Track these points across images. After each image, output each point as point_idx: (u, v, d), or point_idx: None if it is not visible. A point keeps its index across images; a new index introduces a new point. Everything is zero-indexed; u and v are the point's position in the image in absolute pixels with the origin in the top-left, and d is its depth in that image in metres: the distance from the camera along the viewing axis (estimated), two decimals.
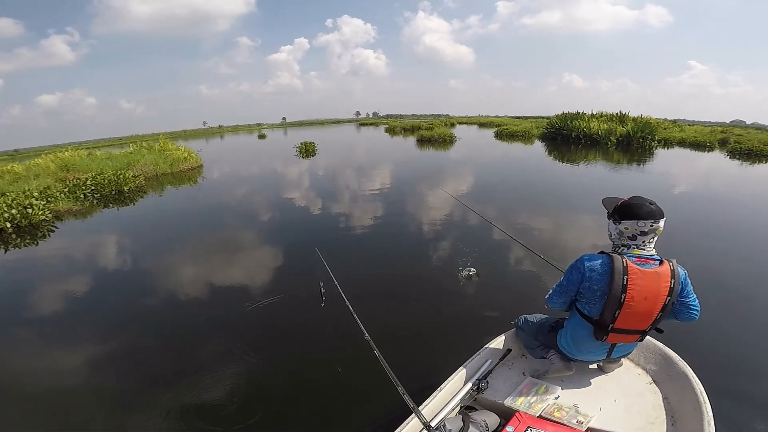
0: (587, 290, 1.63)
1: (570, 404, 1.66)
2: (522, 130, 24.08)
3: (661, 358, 1.85)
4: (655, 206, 1.54)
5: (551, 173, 11.27)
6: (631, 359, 1.93)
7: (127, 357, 3.03)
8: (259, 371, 2.67)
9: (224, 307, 3.72)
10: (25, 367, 3.07)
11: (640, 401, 1.68)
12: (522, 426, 1.48)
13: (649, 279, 1.52)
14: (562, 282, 1.74)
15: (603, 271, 1.57)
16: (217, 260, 5.15)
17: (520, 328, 2.10)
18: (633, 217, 1.54)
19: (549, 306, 1.83)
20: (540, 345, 1.97)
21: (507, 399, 1.74)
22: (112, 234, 6.81)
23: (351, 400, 2.35)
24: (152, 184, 11.46)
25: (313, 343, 3.00)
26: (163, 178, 12.36)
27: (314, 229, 6.23)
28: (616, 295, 1.54)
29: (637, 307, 1.54)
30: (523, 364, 2.04)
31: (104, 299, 4.21)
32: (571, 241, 5.17)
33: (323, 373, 2.60)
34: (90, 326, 3.61)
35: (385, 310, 3.38)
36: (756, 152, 14.56)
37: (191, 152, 14.28)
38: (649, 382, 1.80)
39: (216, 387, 2.50)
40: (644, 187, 8.57)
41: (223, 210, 8.11)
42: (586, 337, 1.70)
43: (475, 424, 1.51)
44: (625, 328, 1.61)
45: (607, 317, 1.59)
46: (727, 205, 7.15)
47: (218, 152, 25.63)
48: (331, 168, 13.72)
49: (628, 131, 17.62)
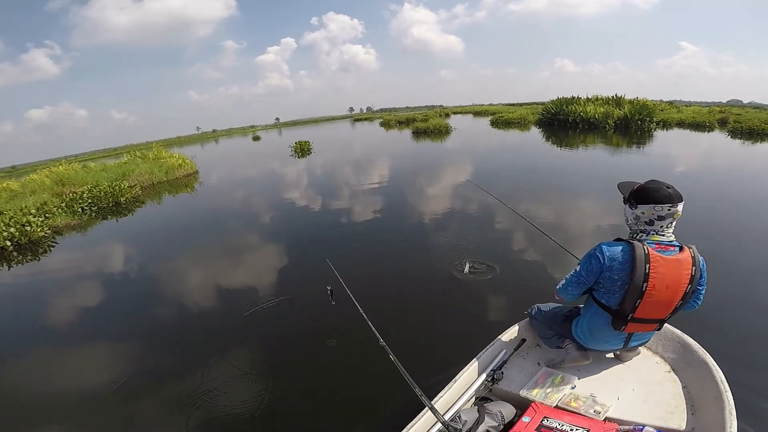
0: (607, 280, 1.56)
1: (587, 394, 1.62)
2: (518, 117, 23.91)
3: (679, 345, 1.80)
4: (672, 189, 1.49)
5: (556, 159, 11.14)
6: (649, 347, 1.88)
7: (136, 365, 3.04)
8: (273, 375, 2.66)
9: (231, 314, 3.67)
10: (30, 376, 3.11)
11: (658, 390, 1.64)
12: (538, 416, 1.45)
13: (671, 267, 1.47)
14: (579, 272, 1.65)
15: (624, 259, 1.51)
16: (218, 267, 5.07)
17: (533, 318, 2.06)
18: (650, 201, 1.49)
19: (561, 297, 1.75)
20: (555, 335, 1.93)
21: (522, 389, 1.71)
22: (112, 246, 6.73)
23: (365, 400, 2.36)
24: (149, 194, 11.35)
25: (325, 347, 2.95)
26: (159, 187, 12.24)
27: (316, 231, 6.13)
28: (638, 285, 1.48)
29: (658, 296, 1.49)
30: (538, 354, 2.01)
31: (109, 310, 4.20)
32: (586, 228, 5.08)
33: (338, 378, 2.58)
34: (99, 336, 3.62)
35: (396, 310, 3.34)
36: (758, 131, 14.44)
37: (186, 159, 14.14)
38: (667, 371, 1.75)
39: (231, 391, 2.51)
40: (650, 170, 8.49)
41: (221, 216, 8.01)
42: (604, 326, 1.66)
43: (491, 415, 1.50)
44: (645, 317, 1.57)
45: (627, 307, 1.54)
46: (738, 186, 7.02)
47: (214, 157, 25.52)
48: (328, 166, 13.61)
49: (625, 114, 17.51)
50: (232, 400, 2.44)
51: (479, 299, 3.41)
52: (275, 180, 12.21)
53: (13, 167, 56.54)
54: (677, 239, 1.55)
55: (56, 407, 2.67)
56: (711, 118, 19.04)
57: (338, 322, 3.09)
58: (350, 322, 2.36)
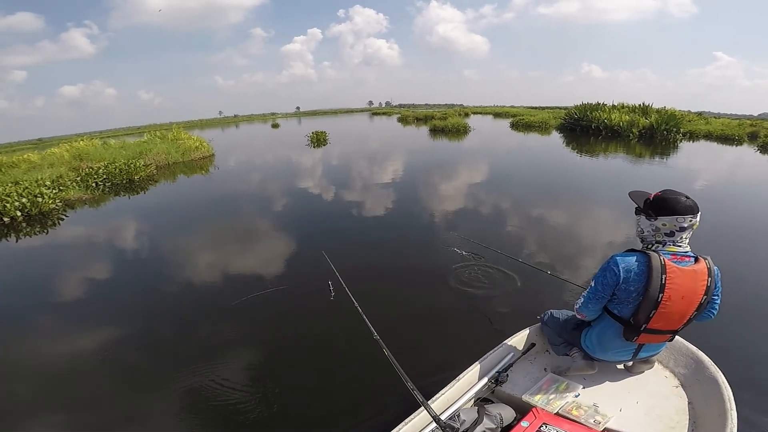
0: (622, 291, 1.54)
1: (590, 403, 1.61)
2: (539, 121, 23.43)
3: (692, 361, 1.77)
4: (690, 200, 1.47)
5: (579, 167, 10.82)
6: (661, 361, 1.85)
7: (134, 346, 3.03)
8: (268, 367, 2.64)
9: (224, 301, 3.59)
10: (33, 350, 3.11)
11: (663, 404, 1.61)
12: (537, 422, 1.44)
13: (687, 277, 1.45)
14: (594, 287, 1.62)
15: (640, 270, 1.48)
16: (217, 253, 5.06)
17: (545, 324, 2.05)
18: (671, 212, 1.46)
19: (584, 315, 1.72)
20: (564, 342, 1.92)
21: (525, 394, 1.70)
22: (119, 223, 6.78)
23: (359, 395, 2.33)
24: (164, 173, 11.47)
25: (320, 340, 2.92)
26: (174, 167, 12.37)
27: (319, 225, 6.06)
28: (653, 295, 1.46)
29: (673, 307, 1.47)
30: (545, 360, 1.99)
31: (106, 289, 4.19)
32: (596, 240, 4.89)
33: (332, 372, 2.55)
34: (93, 315, 3.61)
35: (392, 306, 3.27)
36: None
37: (203, 141, 14.26)
38: (675, 386, 1.72)
39: (225, 381, 2.48)
40: (674, 182, 8.15)
41: (229, 201, 8.00)
42: (614, 337, 1.64)
43: (490, 417, 1.49)
44: (658, 328, 1.54)
45: (641, 318, 1.52)
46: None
47: (232, 141, 25.73)
48: (341, 159, 13.52)
49: (651, 123, 16.91)
50: (222, 391, 2.40)
51: (481, 303, 3.31)
52: (288, 169, 12.20)
53: (39, 140, 58.26)
54: (692, 250, 1.52)
55: (49, 390, 2.63)
56: (740, 132, 18.27)
57: (333, 314, 3.05)
58: (345, 315, 2.30)
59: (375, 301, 3.03)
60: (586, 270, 3.82)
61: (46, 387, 2.62)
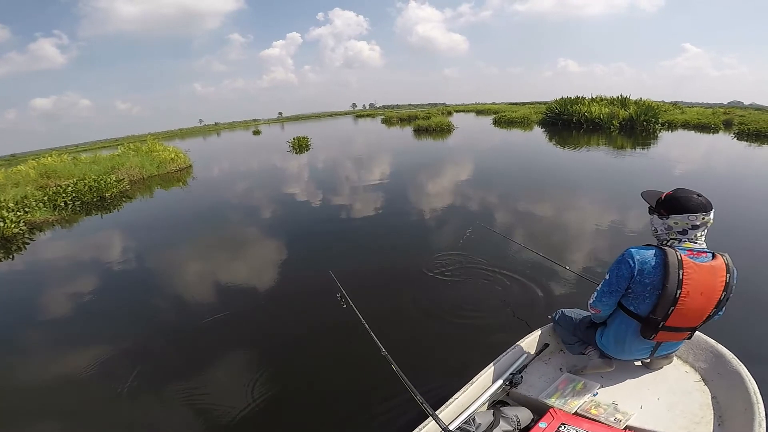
0: (637, 284, 1.51)
1: (609, 401, 1.58)
2: (521, 117, 23.52)
3: (712, 355, 1.72)
4: (703, 198, 1.46)
5: (564, 161, 10.75)
6: (680, 356, 1.80)
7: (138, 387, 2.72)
8: (274, 383, 2.57)
9: (220, 321, 3.44)
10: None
11: (685, 400, 1.57)
12: (556, 422, 1.41)
13: (705, 273, 1.43)
14: (609, 280, 1.60)
15: (656, 263, 1.47)
16: (196, 271, 4.76)
17: (557, 323, 2.02)
18: (683, 210, 1.46)
19: (598, 309, 1.68)
20: (578, 341, 1.90)
21: (541, 394, 1.67)
22: (91, 244, 6.38)
23: (369, 410, 2.26)
24: (139, 188, 11.03)
25: (325, 355, 2.85)
26: (150, 181, 11.93)
27: (310, 234, 5.80)
28: (671, 291, 1.43)
29: (692, 303, 1.45)
30: (560, 360, 1.96)
31: (72, 318, 3.83)
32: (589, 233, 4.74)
33: (339, 387, 2.50)
34: (60, 348, 3.28)
35: (398, 320, 3.19)
36: (765, 133, 14.01)
37: (179, 152, 13.79)
38: (697, 380, 1.68)
39: (230, 401, 2.42)
40: (663, 174, 8.13)
41: (208, 215, 7.66)
42: (632, 335, 1.61)
43: (506, 419, 1.47)
44: (677, 325, 1.51)
45: (658, 314, 1.49)
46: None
47: (211, 151, 25.12)
48: (324, 164, 13.24)
49: (630, 115, 17.08)
50: (229, 410, 2.34)
51: (489, 311, 3.19)
52: (269, 177, 11.84)
53: (12, 155, 56.45)
54: (709, 247, 1.50)
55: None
56: (716, 120, 18.65)
57: (340, 330, 2.95)
58: (352, 331, 2.31)
59: (381, 315, 3.02)
60: (593, 266, 3.78)
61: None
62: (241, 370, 2.75)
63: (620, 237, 4.66)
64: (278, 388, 2.51)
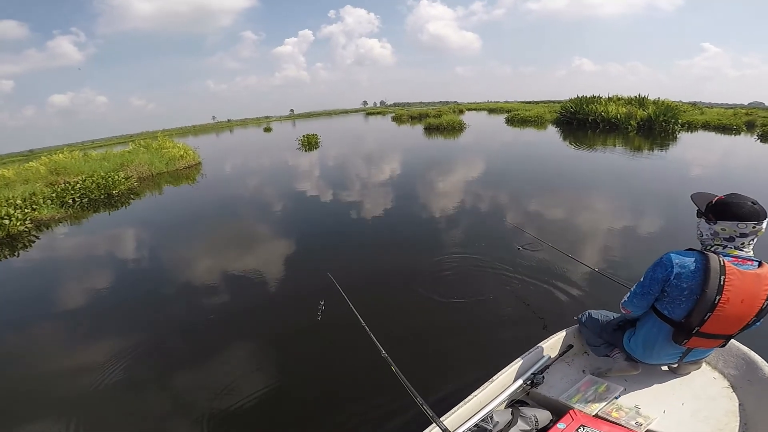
0: (674, 288, 1.46)
1: (631, 405, 1.54)
2: (534, 115, 23.05)
3: (743, 362, 1.65)
4: (758, 206, 1.37)
5: (580, 161, 10.41)
6: (708, 362, 1.75)
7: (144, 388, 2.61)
8: (273, 385, 2.57)
9: (227, 321, 3.44)
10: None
11: (710, 406, 1.53)
12: (575, 424, 1.39)
13: (748, 281, 1.36)
14: (643, 282, 1.57)
15: (696, 268, 1.41)
16: (203, 270, 4.63)
17: (583, 324, 1.99)
18: (733, 217, 1.38)
19: (630, 310, 1.66)
20: (604, 343, 1.86)
21: (562, 395, 1.65)
22: (95, 244, 6.34)
23: (368, 411, 2.24)
24: (148, 185, 11.03)
25: (326, 359, 2.81)
26: (159, 178, 11.92)
27: (312, 236, 5.64)
28: (710, 297, 1.38)
29: (731, 310, 1.39)
30: (584, 362, 1.94)
31: (76, 320, 3.74)
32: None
33: (339, 391, 2.48)
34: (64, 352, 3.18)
35: (398, 322, 3.14)
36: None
37: (188, 149, 13.78)
38: (725, 387, 1.63)
39: (229, 403, 2.42)
40: (688, 177, 7.77)
41: (215, 213, 7.58)
42: (662, 340, 1.56)
43: (525, 419, 1.46)
44: (712, 332, 1.46)
45: (694, 320, 1.44)
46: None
47: (222, 148, 25.28)
48: (333, 162, 13.09)
49: (649, 115, 16.54)
50: (228, 412, 2.35)
51: (507, 309, 3.15)
52: (278, 175, 11.73)
53: (30, 151, 57.58)
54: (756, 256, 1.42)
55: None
56: (737, 121, 17.95)
57: (339, 333, 2.90)
58: (351, 333, 2.27)
59: (382, 316, 3.01)
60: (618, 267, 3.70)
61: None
62: (240, 372, 2.73)
63: (652, 240, 4.53)
64: (277, 390, 2.50)
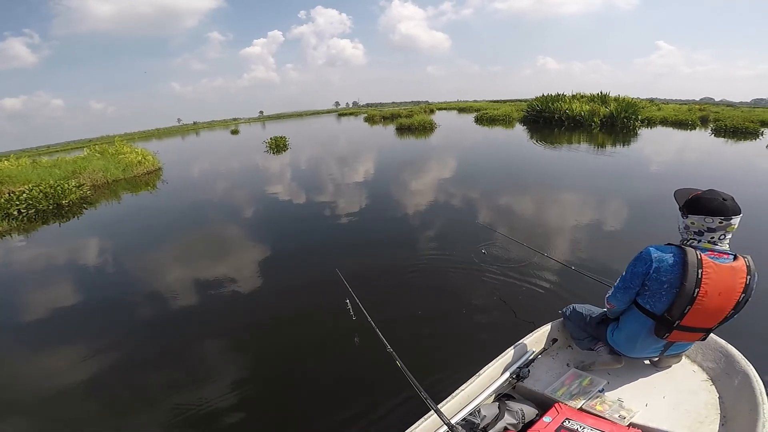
0: (654, 281, 1.50)
1: (614, 398, 1.58)
2: (502, 114, 23.49)
3: (721, 355, 1.71)
4: (729, 202, 1.40)
5: (550, 159, 10.58)
6: (688, 356, 1.79)
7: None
8: (281, 376, 2.68)
9: (231, 318, 3.51)
10: None
11: (691, 399, 1.57)
12: (560, 417, 1.41)
13: (724, 273, 1.40)
14: (624, 276, 1.61)
15: (674, 262, 1.45)
16: (174, 279, 4.31)
17: (567, 318, 2.02)
18: (701, 212, 1.43)
19: (613, 305, 1.70)
20: (588, 336, 1.89)
21: (547, 389, 1.68)
22: (48, 257, 5.82)
23: (372, 403, 2.29)
24: (103, 193, 10.39)
25: (333, 354, 2.85)
26: (115, 186, 11.26)
27: (277, 242, 5.40)
28: (689, 290, 1.41)
29: (709, 303, 1.42)
30: (568, 355, 1.98)
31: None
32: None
33: (347, 385, 2.52)
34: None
35: (403, 318, 3.16)
36: (741, 130, 14.19)
37: (147, 155, 13.11)
38: (704, 380, 1.67)
39: (236, 394, 2.48)
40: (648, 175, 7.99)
41: (179, 220, 7.18)
42: (644, 334, 1.59)
43: (511, 413, 1.48)
44: (692, 325, 1.50)
45: (674, 313, 1.47)
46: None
47: (185, 152, 24.28)
48: (301, 165, 12.76)
49: (611, 112, 17.11)
50: (235, 403, 2.40)
51: (495, 309, 3.20)
52: (242, 180, 11.31)
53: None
54: (732, 250, 1.46)
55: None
56: (692, 116, 18.89)
57: (348, 329, 2.83)
58: (360, 329, 2.38)
59: (387, 313, 3.07)
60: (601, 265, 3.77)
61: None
62: (248, 365, 2.83)
63: (625, 236, 4.61)
64: (285, 382, 2.58)
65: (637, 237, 4.57)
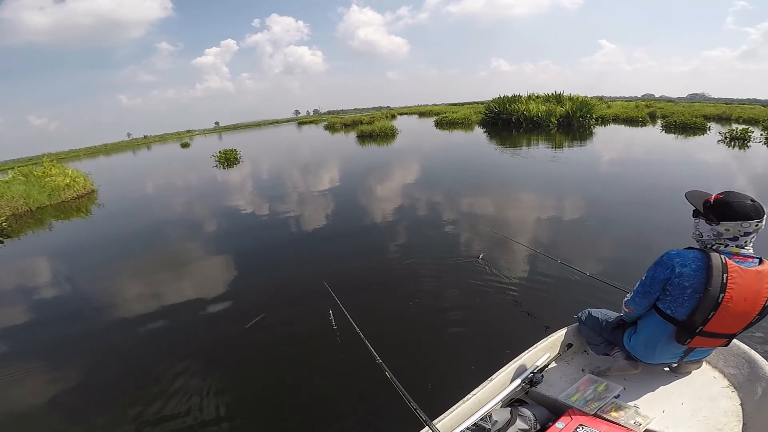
0: (675, 287, 1.43)
1: (630, 404, 1.50)
2: (461, 117, 23.63)
3: (744, 361, 1.62)
4: (757, 203, 1.34)
5: (512, 162, 10.38)
6: (709, 361, 1.71)
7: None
8: (268, 391, 2.55)
9: (220, 331, 3.35)
10: None
11: (710, 406, 1.49)
12: (573, 423, 1.37)
13: (750, 278, 1.33)
14: (644, 280, 1.54)
15: (697, 266, 1.38)
16: (116, 300, 3.47)
17: (582, 323, 1.96)
18: (736, 217, 1.34)
19: (632, 309, 1.63)
20: (604, 341, 1.84)
21: (561, 395, 1.63)
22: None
23: (363, 417, 2.23)
24: (27, 223, 9.12)
25: (322, 368, 2.70)
26: (41, 213, 9.96)
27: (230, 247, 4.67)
28: (714, 295, 1.34)
29: (735, 308, 1.36)
30: (583, 360, 1.92)
31: None
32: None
33: (335, 398, 2.41)
34: None
35: (392, 329, 3.02)
36: (690, 125, 14.78)
37: (77, 176, 11.79)
38: (725, 386, 1.59)
39: (224, 410, 2.38)
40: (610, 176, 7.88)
41: (116, 250, 6.20)
42: (664, 339, 1.53)
43: (523, 418, 1.46)
44: (716, 331, 1.43)
45: (698, 318, 1.40)
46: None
47: (127, 169, 22.48)
48: (251, 180, 11.88)
49: (567, 111, 17.44)
50: (222, 419, 2.31)
51: (495, 318, 3.08)
52: (188, 196, 10.34)
53: None
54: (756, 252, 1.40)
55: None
56: (641, 113, 19.66)
57: (334, 340, 2.85)
58: (347, 340, 2.42)
59: (376, 323, 2.94)
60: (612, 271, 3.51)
61: None
62: (235, 380, 2.70)
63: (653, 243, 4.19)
64: (272, 396, 2.48)
65: (635, 237, 4.36)
